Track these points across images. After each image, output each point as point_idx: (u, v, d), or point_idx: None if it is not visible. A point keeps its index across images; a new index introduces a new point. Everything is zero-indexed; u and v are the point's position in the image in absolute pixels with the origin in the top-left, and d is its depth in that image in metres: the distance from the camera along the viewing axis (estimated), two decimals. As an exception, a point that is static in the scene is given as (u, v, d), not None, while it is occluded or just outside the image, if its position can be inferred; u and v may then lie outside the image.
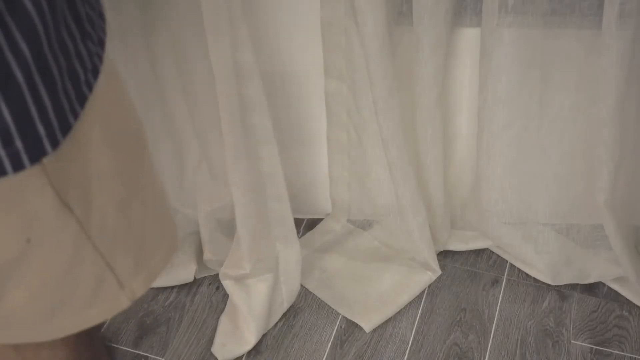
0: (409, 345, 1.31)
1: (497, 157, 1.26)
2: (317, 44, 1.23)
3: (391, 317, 1.35)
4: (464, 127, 1.32)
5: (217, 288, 1.41)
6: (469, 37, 1.20)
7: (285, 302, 1.36)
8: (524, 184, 1.30)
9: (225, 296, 1.39)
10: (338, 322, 1.35)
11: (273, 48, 1.24)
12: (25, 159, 0.59)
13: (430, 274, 1.39)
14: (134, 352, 1.33)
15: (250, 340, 1.31)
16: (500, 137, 1.23)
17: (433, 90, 1.20)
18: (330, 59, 1.24)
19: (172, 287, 1.42)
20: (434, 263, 1.38)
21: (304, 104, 1.33)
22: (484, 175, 1.30)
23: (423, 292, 1.38)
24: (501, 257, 1.43)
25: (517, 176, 1.28)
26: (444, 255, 1.43)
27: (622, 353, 1.27)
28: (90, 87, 0.64)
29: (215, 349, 1.32)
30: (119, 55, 1.15)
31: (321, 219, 1.52)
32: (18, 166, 0.59)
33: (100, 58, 0.66)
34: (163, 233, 0.82)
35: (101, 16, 0.68)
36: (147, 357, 1.32)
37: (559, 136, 1.25)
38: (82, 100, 0.63)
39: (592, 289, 1.37)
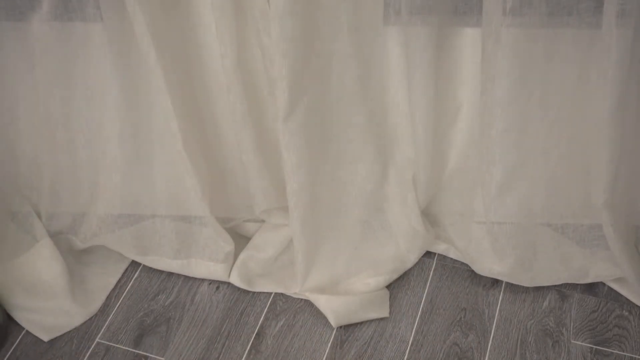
0: (409, 345, 1.31)
1: (496, 156, 1.25)
2: None
3: (391, 317, 1.35)
4: (464, 125, 1.32)
5: (217, 288, 1.41)
6: (468, 37, 1.20)
7: None
8: (523, 184, 1.29)
9: (225, 296, 1.39)
10: (338, 322, 1.35)
11: None
12: None
13: None
14: (134, 352, 1.33)
15: None
16: (500, 137, 1.23)
17: (433, 90, 1.20)
18: None
19: (173, 287, 1.42)
20: None
21: None
22: (483, 175, 1.29)
23: (423, 291, 1.38)
24: (501, 257, 1.43)
25: (516, 176, 1.28)
26: (444, 255, 1.43)
27: (622, 353, 1.27)
28: None
29: None
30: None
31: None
32: None
33: None
34: None
35: None
36: (147, 357, 1.32)
37: (559, 136, 1.24)
38: None
39: (592, 288, 1.37)
